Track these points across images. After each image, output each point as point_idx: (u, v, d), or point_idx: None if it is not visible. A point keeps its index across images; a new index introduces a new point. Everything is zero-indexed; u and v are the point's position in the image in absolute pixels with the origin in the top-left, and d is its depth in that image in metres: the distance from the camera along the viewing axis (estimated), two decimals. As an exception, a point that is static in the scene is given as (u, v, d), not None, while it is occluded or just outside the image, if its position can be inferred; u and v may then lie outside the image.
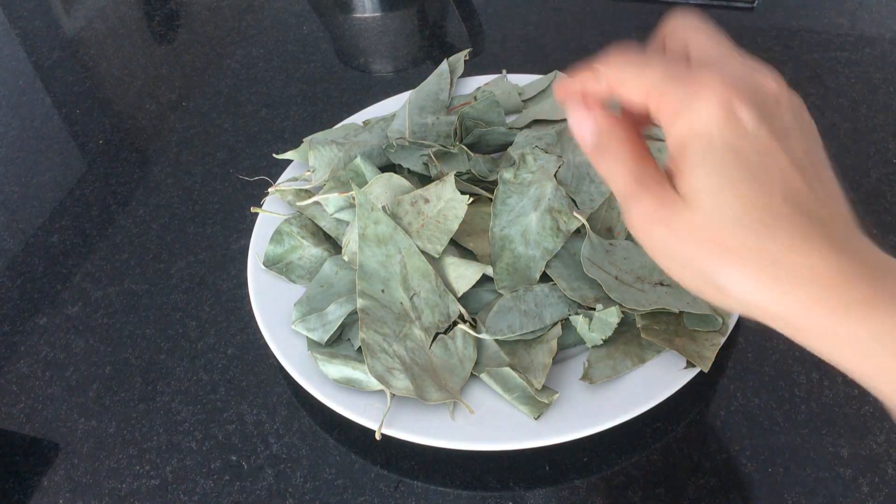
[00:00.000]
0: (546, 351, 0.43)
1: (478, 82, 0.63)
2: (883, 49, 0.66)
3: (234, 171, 0.63)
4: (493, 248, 0.48)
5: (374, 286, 0.45)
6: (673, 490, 0.40)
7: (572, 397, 0.41)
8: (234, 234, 0.58)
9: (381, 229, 0.47)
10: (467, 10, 0.78)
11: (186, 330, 0.51)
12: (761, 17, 0.72)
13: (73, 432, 0.47)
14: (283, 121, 0.67)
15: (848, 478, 0.40)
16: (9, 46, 0.83)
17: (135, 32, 0.83)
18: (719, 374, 0.45)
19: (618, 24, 0.73)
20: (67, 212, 0.62)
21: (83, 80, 0.76)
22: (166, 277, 0.55)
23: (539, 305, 0.45)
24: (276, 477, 0.43)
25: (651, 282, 0.45)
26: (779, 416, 0.43)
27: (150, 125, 0.69)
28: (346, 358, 0.44)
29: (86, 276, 0.56)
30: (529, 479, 0.41)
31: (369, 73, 0.72)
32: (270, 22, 0.81)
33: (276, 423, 0.46)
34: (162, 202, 0.61)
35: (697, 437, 0.42)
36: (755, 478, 0.40)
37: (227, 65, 0.75)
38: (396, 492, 0.42)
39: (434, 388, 0.42)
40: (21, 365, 0.51)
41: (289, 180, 0.56)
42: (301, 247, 0.51)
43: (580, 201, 0.49)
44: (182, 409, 0.47)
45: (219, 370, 0.49)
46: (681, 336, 0.43)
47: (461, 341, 0.44)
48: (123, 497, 0.43)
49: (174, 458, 0.45)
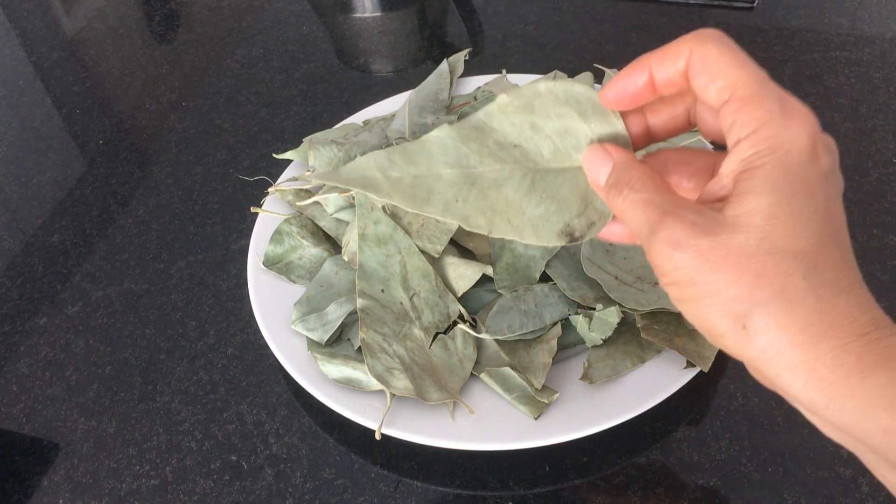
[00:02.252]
0: (546, 351, 0.43)
1: (478, 82, 0.63)
2: (883, 49, 0.66)
3: (234, 171, 0.63)
4: (493, 247, 0.48)
5: (373, 286, 0.45)
6: (673, 490, 0.40)
7: (572, 397, 0.41)
8: (234, 234, 0.58)
9: (380, 229, 0.47)
10: (467, 10, 0.78)
11: (186, 330, 0.51)
12: (761, 17, 0.72)
13: (73, 432, 0.47)
14: (283, 121, 0.67)
15: (848, 478, 0.40)
16: (9, 46, 0.83)
17: (135, 32, 0.83)
18: (719, 374, 0.45)
19: (618, 24, 0.73)
20: (67, 212, 0.62)
21: (83, 80, 0.76)
22: (166, 277, 0.55)
23: (539, 305, 0.45)
24: (276, 477, 0.43)
25: (651, 282, 0.45)
26: (779, 416, 0.43)
27: (150, 125, 0.69)
28: (346, 358, 0.44)
29: (86, 276, 0.56)
30: (529, 479, 0.41)
31: (369, 73, 0.72)
32: (270, 22, 0.81)
33: (276, 423, 0.46)
34: (162, 202, 0.61)
35: (697, 437, 0.42)
36: (755, 478, 0.40)
37: (227, 65, 0.75)
38: (396, 492, 0.42)
39: (434, 388, 0.42)
40: (21, 365, 0.51)
41: (289, 180, 0.56)
42: (301, 247, 0.51)
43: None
44: (182, 409, 0.47)
45: (219, 370, 0.49)
46: (681, 336, 0.43)
47: (461, 341, 0.44)
48: (123, 497, 0.43)
49: (174, 458, 0.45)
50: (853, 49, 0.67)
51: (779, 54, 0.67)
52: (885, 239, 0.51)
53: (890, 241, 0.51)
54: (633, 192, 0.26)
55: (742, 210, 0.24)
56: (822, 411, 0.23)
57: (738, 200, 0.24)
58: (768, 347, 0.23)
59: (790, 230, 0.23)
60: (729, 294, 0.23)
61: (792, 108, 0.24)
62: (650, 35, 0.71)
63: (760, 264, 0.23)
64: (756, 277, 0.23)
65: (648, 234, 0.25)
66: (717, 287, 0.23)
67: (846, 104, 0.61)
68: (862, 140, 0.58)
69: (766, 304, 0.23)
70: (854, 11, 0.71)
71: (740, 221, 0.23)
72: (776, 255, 0.23)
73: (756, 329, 0.23)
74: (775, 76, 0.54)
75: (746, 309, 0.23)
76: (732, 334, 0.23)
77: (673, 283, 0.25)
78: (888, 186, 0.55)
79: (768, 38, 0.69)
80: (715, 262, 0.23)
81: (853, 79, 0.64)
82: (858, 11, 0.71)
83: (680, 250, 0.24)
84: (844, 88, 0.63)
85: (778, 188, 0.23)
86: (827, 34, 0.69)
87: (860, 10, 0.71)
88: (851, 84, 0.63)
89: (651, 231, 0.25)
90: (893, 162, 0.56)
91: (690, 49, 0.25)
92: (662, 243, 0.24)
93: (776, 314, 0.23)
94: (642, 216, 0.26)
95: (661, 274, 0.25)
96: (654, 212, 0.25)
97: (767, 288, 0.23)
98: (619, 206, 0.27)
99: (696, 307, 0.24)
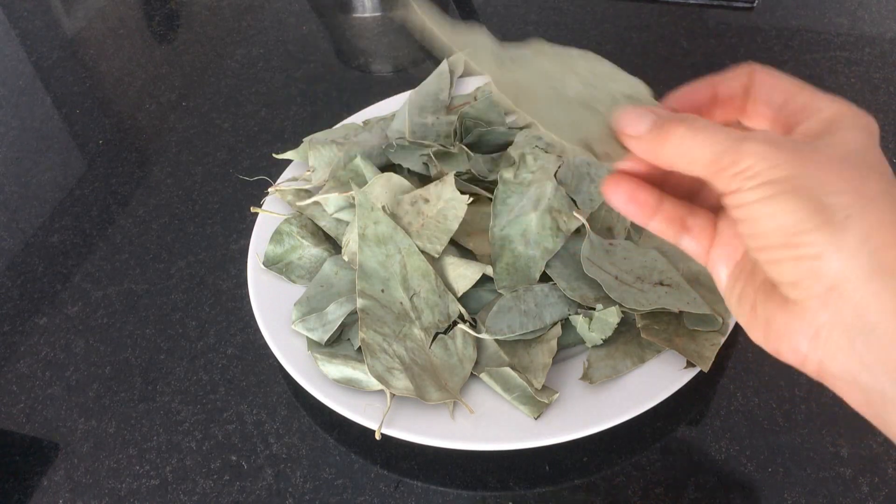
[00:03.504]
0: (546, 351, 0.43)
1: (478, 82, 0.63)
2: (883, 49, 0.66)
3: (234, 171, 0.63)
4: (492, 247, 0.48)
5: (373, 286, 0.45)
6: (673, 490, 0.40)
7: (572, 397, 0.41)
8: (234, 234, 0.58)
9: (380, 229, 0.47)
10: (467, 10, 0.78)
11: (186, 330, 0.51)
12: (761, 17, 0.72)
13: (73, 432, 0.47)
14: (283, 121, 0.67)
15: (848, 478, 0.40)
16: (9, 46, 0.83)
17: (135, 32, 0.83)
18: (719, 374, 0.45)
19: (618, 24, 0.73)
20: (67, 212, 0.62)
21: (83, 80, 0.76)
22: (166, 277, 0.55)
23: (539, 305, 0.45)
24: (276, 477, 0.43)
25: (651, 282, 0.45)
26: (779, 416, 0.43)
27: (150, 125, 0.69)
28: (346, 358, 0.44)
29: (86, 276, 0.56)
30: (529, 479, 0.41)
31: (369, 73, 0.72)
32: (270, 22, 0.81)
33: (276, 423, 0.46)
34: (162, 202, 0.61)
35: (697, 437, 0.42)
36: (755, 478, 0.40)
37: (227, 65, 0.75)
38: (396, 492, 0.42)
39: (434, 387, 0.42)
40: (21, 365, 0.51)
41: (289, 180, 0.56)
42: (301, 247, 0.51)
43: (580, 201, 0.49)
44: (182, 409, 0.47)
45: (219, 370, 0.49)
46: (681, 336, 0.43)
47: (461, 341, 0.44)
48: (123, 497, 0.43)
49: (174, 458, 0.45)
50: (853, 49, 0.67)
51: (779, 54, 0.67)
52: (885, 239, 0.51)
53: (890, 241, 0.51)
54: (697, 120, 0.25)
55: (836, 138, 0.23)
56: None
57: (831, 132, 0.24)
58: (867, 241, 0.22)
59: (882, 162, 0.23)
60: (833, 187, 0.22)
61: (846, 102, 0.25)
62: (650, 35, 0.71)
63: (866, 169, 0.22)
64: (862, 178, 0.22)
65: (737, 143, 0.23)
66: (819, 181, 0.22)
67: (846, 104, 0.61)
68: (862, 140, 0.58)
69: (873, 199, 0.22)
70: (854, 11, 0.71)
71: (836, 141, 0.23)
72: (878, 168, 0.23)
73: (859, 220, 0.22)
74: (775, 76, 0.52)
75: (851, 201, 0.22)
76: (829, 227, 0.22)
77: (766, 183, 0.23)
78: (888, 186, 0.54)
79: (768, 38, 0.69)
80: (819, 163, 0.22)
81: (853, 79, 0.64)
82: (858, 11, 0.71)
83: (780, 149, 0.23)
84: (844, 88, 0.63)
85: (865, 136, 0.24)
86: (827, 34, 0.69)
87: (860, 10, 0.71)
88: (851, 84, 0.63)
89: (740, 139, 0.23)
90: (894, 162, 0.56)
91: (752, 69, 0.26)
92: (760, 142, 0.23)
93: (883, 209, 0.22)
94: (722, 134, 0.24)
95: (752, 176, 0.23)
96: (732, 132, 0.24)
97: (875, 186, 0.22)
98: (681, 133, 0.25)
99: (789, 201, 0.22)
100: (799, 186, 0.22)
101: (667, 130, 0.25)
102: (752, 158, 0.23)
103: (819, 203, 0.22)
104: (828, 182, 0.22)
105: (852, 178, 0.22)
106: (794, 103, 0.25)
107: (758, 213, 0.23)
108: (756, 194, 0.23)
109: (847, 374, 0.23)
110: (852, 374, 0.23)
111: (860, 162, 0.23)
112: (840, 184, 0.22)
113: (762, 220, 0.23)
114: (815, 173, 0.22)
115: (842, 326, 0.23)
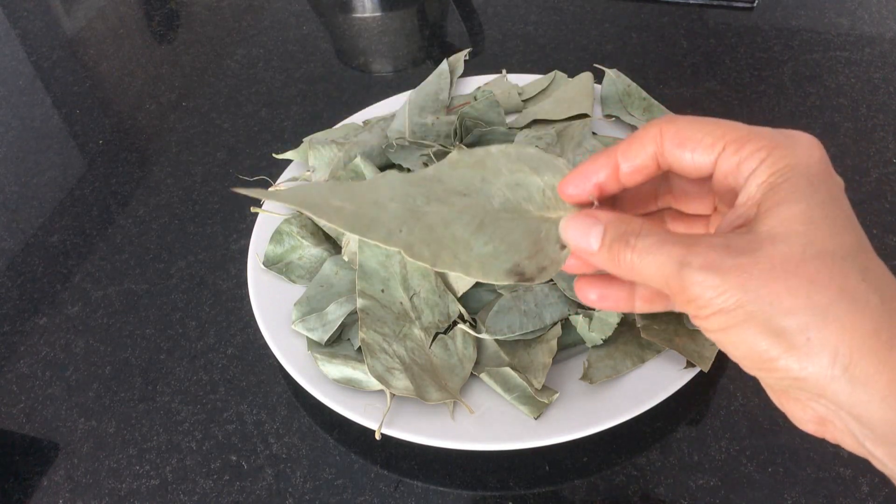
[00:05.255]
0: (546, 351, 0.43)
1: (478, 82, 0.63)
2: (883, 49, 0.66)
3: (234, 171, 0.63)
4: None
5: (373, 286, 0.45)
6: (673, 490, 0.40)
7: (572, 397, 0.41)
8: (234, 234, 0.58)
9: (381, 229, 0.47)
10: (467, 10, 0.78)
11: (186, 330, 0.51)
12: (761, 17, 0.72)
13: (73, 432, 0.47)
14: (283, 121, 0.67)
15: (848, 478, 0.40)
16: (9, 46, 0.83)
17: (135, 32, 0.83)
18: (719, 374, 0.45)
19: (618, 24, 0.73)
20: (67, 212, 0.62)
21: (83, 80, 0.76)
22: (166, 277, 0.55)
23: (539, 305, 0.45)
24: (276, 477, 0.43)
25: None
26: (779, 416, 0.43)
27: (150, 125, 0.69)
28: (346, 358, 0.44)
29: (86, 276, 0.56)
30: (529, 479, 0.41)
31: (369, 73, 0.72)
32: (270, 22, 0.81)
33: (276, 423, 0.46)
34: (162, 202, 0.61)
35: (697, 437, 0.42)
36: (755, 478, 0.40)
37: (227, 65, 0.75)
38: (396, 492, 0.42)
39: (434, 387, 0.42)
40: (21, 365, 0.51)
41: (289, 180, 0.56)
42: (301, 247, 0.51)
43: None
44: (182, 409, 0.47)
45: (219, 370, 0.49)
46: (681, 336, 0.43)
47: (461, 341, 0.44)
48: (123, 497, 0.43)
49: (174, 458, 0.45)
50: (853, 49, 0.67)
51: (779, 54, 0.67)
52: (885, 239, 0.51)
53: (890, 241, 0.51)
54: (643, 237, 0.24)
55: (777, 221, 0.22)
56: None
57: (770, 214, 0.23)
58: (837, 358, 0.21)
59: (832, 232, 0.22)
60: (783, 307, 0.21)
61: (790, 132, 0.24)
62: (650, 35, 0.71)
63: (813, 269, 0.21)
64: (811, 283, 0.21)
65: (678, 270, 0.23)
66: (769, 303, 0.21)
67: (846, 104, 0.61)
68: (862, 140, 0.58)
69: (828, 308, 0.21)
70: (854, 11, 0.71)
71: (778, 232, 0.22)
72: (826, 258, 0.21)
73: (821, 339, 0.21)
74: (775, 76, 0.54)
75: (807, 319, 0.21)
76: (794, 352, 0.21)
77: (718, 313, 0.22)
78: (888, 186, 0.55)
79: (768, 38, 0.69)
80: (762, 277, 0.21)
81: (853, 79, 0.64)
82: (858, 11, 0.71)
83: (720, 273, 0.22)
84: (844, 88, 0.63)
85: (808, 195, 0.22)
86: (827, 34, 0.69)
87: (860, 10, 0.71)
88: (851, 84, 0.63)
89: (680, 265, 0.23)
90: (893, 162, 0.56)
91: (660, 131, 0.25)
92: (698, 271, 0.22)
93: (842, 318, 0.21)
94: (664, 256, 0.24)
95: (702, 306, 0.23)
96: (677, 246, 0.23)
97: (826, 292, 0.21)
98: (629, 258, 0.25)
99: (746, 331, 0.22)
100: (751, 314, 0.22)
101: (616, 251, 0.25)
102: (698, 288, 0.23)
103: (776, 328, 0.21)
104: (777, 301, 0.21)
105: (799, 287, 0.21)
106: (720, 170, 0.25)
107: (723, 342, 0.23)
108: (713, 324, 0.23)
109: (861, 452, 0.23)
110: (865, 455, 0.23)
111: (807, 257, 0.22)
112: (790, 300, 0.21)
113: (730, 348, 0.23)
114: (763, 294, 0.22)
115: (840, 423, 0.23)
